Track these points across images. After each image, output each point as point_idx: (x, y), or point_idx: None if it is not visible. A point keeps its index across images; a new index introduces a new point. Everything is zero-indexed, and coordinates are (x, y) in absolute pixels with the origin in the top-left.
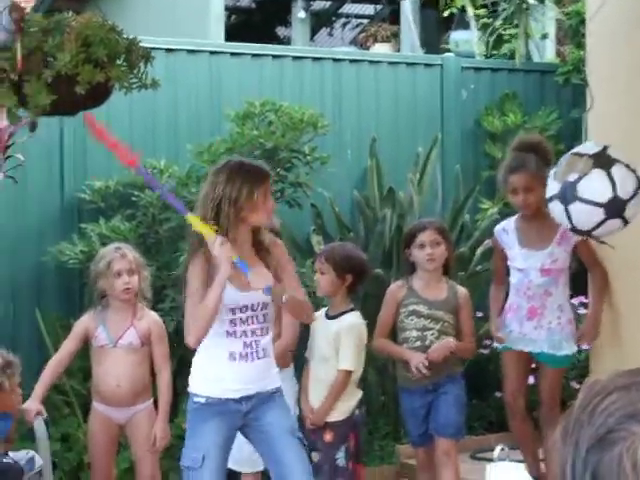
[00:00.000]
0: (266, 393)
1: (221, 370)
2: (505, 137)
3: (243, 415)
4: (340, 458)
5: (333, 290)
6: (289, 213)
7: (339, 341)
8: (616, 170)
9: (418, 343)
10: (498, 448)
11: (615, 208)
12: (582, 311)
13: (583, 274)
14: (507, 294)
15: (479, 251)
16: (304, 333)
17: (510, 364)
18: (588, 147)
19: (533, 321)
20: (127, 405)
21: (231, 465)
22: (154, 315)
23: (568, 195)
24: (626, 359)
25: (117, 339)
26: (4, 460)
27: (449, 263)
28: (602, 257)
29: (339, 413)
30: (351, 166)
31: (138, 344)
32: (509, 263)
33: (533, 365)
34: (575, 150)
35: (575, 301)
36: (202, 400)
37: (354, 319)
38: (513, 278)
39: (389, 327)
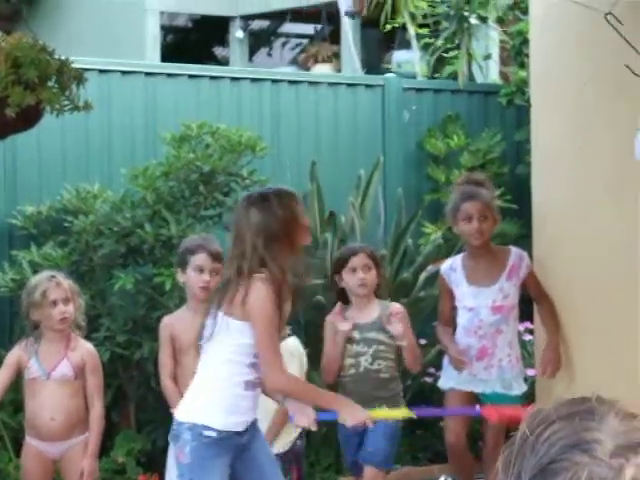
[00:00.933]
0: (255, 421)
1: (238, 400)
2: (448, 160)
3: (242, 448)
4: None
5: None
6: (228, 239)
7: None
8: None
9: (352, 370)
10: (441, 479)
11: None
12: (528, 337)
13: (527, 299)
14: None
15: (422, 276)
16: None
17: (455, 404)
18: None
19: (483, 361)
20: (61, 439)
21: None
22: (88, 345)
23: None
24: (573, 386)
25: (50, 371)
26: None
27: (380, 288)
28: (552, 286)
29: (281, 445)
30: None
31: (72, 376)
32: (457, 303)
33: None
34: None
35: (520, 327)
36: (214, 434)
37: (294, 346)
38: (461, 318)
39: (336, 361)
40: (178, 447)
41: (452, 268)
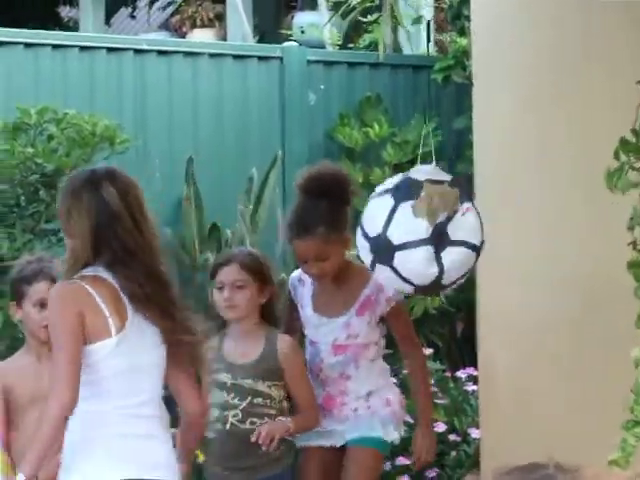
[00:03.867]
0: None
1: None
2: (367, 154)
3: None
4: None
5: None
6: None
7: None
8: None
9: (218, 425)
10: None
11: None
12: (471, 387)
13: (465, 339)
14: None
15: None
16: None
17: (311, 465)
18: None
19: (333, 413)
20: None
21: None
22: None
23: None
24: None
25: None
26: None
27: (271, 311)
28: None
29: None
30: (161, 195)
31: None
32: (305, 330)
33: None
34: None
35: (462, 374)
36: None
37: None
38: (307, 353)
39: None
40: None
41: (301, 280)
